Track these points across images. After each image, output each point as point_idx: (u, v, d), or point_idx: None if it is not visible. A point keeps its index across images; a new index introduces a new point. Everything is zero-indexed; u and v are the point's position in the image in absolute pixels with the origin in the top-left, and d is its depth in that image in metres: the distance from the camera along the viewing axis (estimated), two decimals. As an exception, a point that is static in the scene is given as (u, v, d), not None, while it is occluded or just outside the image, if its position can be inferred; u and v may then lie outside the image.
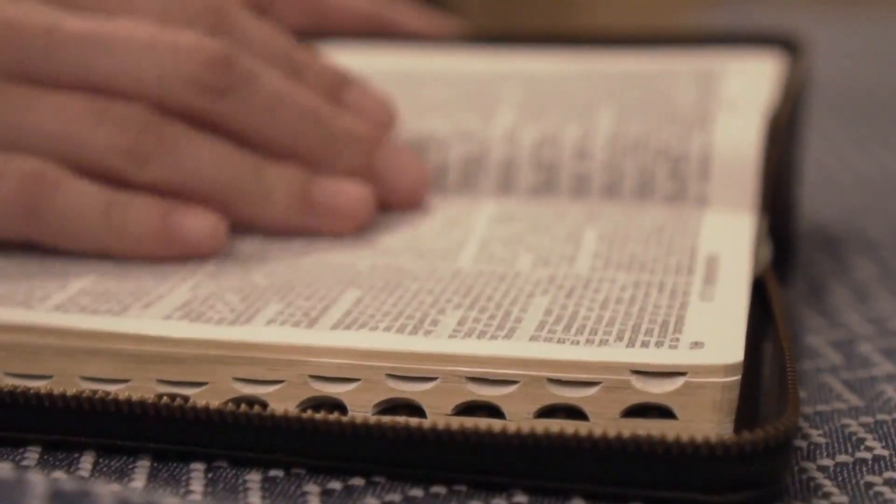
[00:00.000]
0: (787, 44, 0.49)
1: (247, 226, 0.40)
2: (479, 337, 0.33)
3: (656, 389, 0.31)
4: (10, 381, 0.34)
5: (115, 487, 0.29)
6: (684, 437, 0.30)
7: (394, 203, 0.41)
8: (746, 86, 0.46)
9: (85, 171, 0.39)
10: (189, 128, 0.39)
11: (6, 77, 0.39)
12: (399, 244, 0.39)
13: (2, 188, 0.38)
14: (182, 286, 0.36)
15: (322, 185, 0.40)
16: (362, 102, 0.43)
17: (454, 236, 0.40)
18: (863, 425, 0.35)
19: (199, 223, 0.39)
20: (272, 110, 0.40)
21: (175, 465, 0.32)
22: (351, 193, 0.40)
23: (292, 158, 0.40)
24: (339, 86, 0.43)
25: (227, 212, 0.39)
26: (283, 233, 0.40)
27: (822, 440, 0.34)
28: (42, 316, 0.34)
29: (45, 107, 0.39)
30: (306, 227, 0.40)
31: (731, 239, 0.38)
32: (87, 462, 0.32)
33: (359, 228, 0.40)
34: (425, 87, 0.48)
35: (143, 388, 0.33)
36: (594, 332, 0.33)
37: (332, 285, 0.36)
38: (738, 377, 0.31)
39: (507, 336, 0.33)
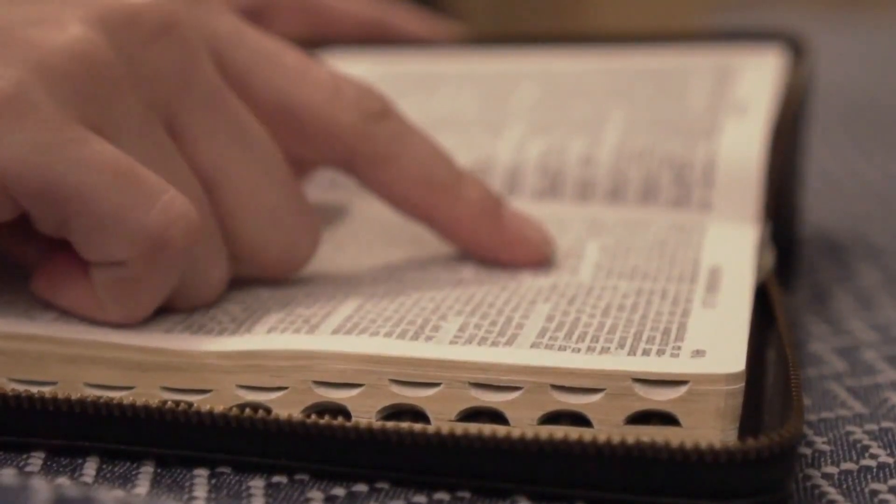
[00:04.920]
0: (791, 42, 0.49)
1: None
2: (479, 343, 0.33)
3: (660, 397, 0.31)
4: (15, 388, 0.34)
5: (118, 493, 0.29)
6: (688, 444, 0.30)
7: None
8: (757, 84, 0.46)
9: None
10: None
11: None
12: (401, 257, 0.39)
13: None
14: None
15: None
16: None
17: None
18: (867, 433, 0.35)
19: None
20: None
21: (178, 470, 0.32)
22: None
23: None
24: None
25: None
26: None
27: (826, 447, 0.34)
28: (44, 327, 0.34)
29: None
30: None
31: (733, 250, 0.38)
32: (90, 468, 0.32)
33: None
34: (436, 92, 0.49)
35: (147, 394, 0.33)
36: (595, 339, 0.33)
37: (333, 293, 0.36)
38: (741, 385, 0.31)
39: (508, 343, 0.33)
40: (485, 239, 0.38)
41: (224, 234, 0.36)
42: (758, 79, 0.47)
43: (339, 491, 0.31)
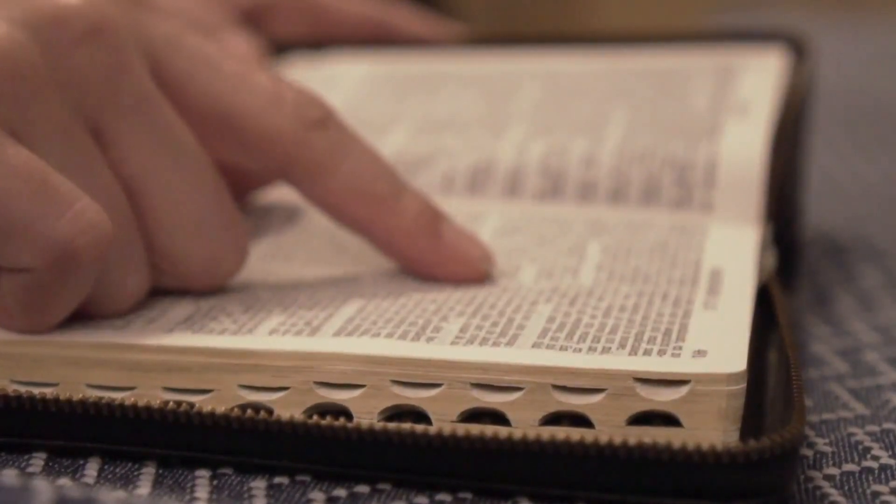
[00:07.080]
0: (792, 43, 0.49)
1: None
2: (481, 344, 0.33)
3: (661, 397, 0.31)
4: (17, 389, 0.34)
5: (120, 494, 0.29)
6: (690, 444, 0.30)
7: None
8: (758, 85, 0.46)
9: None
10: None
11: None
12: None
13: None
14: (184, 300, 0.36)
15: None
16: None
17: None
18: (869, 434, 0.35)
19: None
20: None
21: (180, 471, 0.32)
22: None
23: None
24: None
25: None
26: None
27: (828, 449, 0.34)
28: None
29: None
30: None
31: (735, 252, 0.38)
32: (92, 468, 0.32)
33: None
34: (437, 92, 0.49)
35: (148, 395, 0.33)
36: (597, 339, 0.33)
37: (334, 295, 0.36)
38: (742, 385, 0.31)
39: (510, 343, 0.33)
40: (420, 255, 0.37)
41: (146, 243, 0.35)
42: (759, 79, 0.47)
43: (340, 492, 0.31)
